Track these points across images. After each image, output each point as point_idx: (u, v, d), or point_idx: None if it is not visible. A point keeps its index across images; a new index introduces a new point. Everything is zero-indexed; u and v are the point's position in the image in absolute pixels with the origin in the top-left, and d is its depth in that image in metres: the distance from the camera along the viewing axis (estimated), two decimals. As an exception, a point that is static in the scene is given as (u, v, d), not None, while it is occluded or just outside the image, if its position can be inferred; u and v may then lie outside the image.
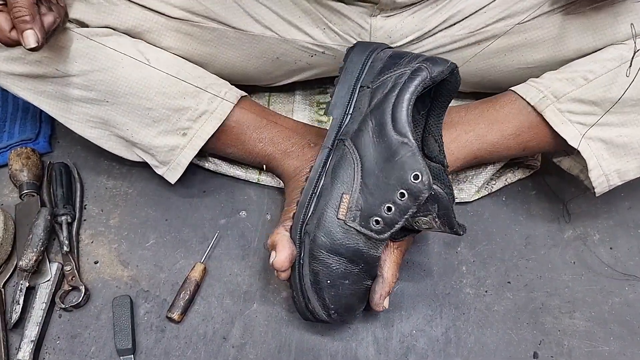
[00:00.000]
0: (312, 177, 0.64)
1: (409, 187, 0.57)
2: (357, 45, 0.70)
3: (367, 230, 0.59)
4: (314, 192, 0.63)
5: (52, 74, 0.66)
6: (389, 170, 0.59)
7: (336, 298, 0.62)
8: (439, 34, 0.74)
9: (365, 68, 0.67)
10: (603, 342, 0.69)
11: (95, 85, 0.67)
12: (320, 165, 0.64)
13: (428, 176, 0.56)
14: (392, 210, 0.58)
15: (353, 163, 0.61)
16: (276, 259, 0.61)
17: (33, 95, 0.69)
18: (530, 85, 0.70)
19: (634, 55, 0.61)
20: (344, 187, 0.61)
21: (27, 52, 0.64)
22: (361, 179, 0.60)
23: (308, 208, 0.62)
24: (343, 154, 0.62)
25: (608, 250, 0.77)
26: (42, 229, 0.72)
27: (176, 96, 0.69)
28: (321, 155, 0.64)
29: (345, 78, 0.67)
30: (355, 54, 0.68)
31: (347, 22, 0.72)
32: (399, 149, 0.58)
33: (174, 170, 0.74)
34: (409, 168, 0.57)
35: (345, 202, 0.60)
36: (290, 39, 0.74)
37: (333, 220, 0.60)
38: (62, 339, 0.69)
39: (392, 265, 0.65)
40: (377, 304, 0.64)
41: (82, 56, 0.66)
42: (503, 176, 0.82)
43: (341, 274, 0.61)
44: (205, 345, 0.68)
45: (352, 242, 0.60)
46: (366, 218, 0.59)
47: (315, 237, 0.61)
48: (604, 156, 0.68)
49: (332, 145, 0.64)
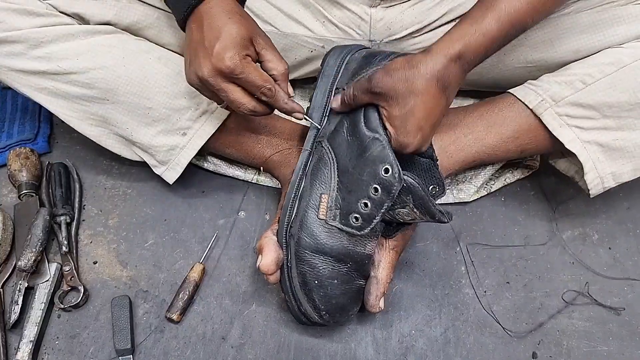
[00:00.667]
0: (293, 181, 0.65)
1: (381, 181, 0.58)
2: (334, 48, 0.71)
3: (348, 228, 0.60)
4: (295, 195, 0.64)
5: (53, 70, 0.66)
6: (362, 166, 0.59)
7: (326, 299, 0.62)
8: (440, 29, 0.74)
9: (340, 70, 0.68)
10: (602, 342, 0.69)
11: (96, 83, 0.67)
12: (300, 168, 0.65)
13: (398, 168, 0.57)
14: (368, 206, 0.59)
15: (329, 163, 0.62)
16: (262, 262, 0.61)
17: (34, 91, 0.69)
18: (529, 89, 0.71)
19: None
20: (322, 187, 0.62)
21: (29, 48, 0.64)
22: (338, 178, 0.61)
23: (291, 211, 0.63)
24: (321, 155, 0.63)
25: (607, 251, 0.77)
26: (41, 229, 0.72)
27: (177, 96, 0.69)
28: (301, 158, 0.65)
29: (322, 81, 0.68)
30: (331, 57, 0.69)
31: (346, 14, 0.73)
32: (370, 144, 0.59)
33: (173, 170, 0.74)
34: (379, 162, 0.58)
35: (325, 202, 0.61)
36: (290, 34, 0.74)
37: (314, 221, 0.61)
38: (61, 339, 0.69)
39: (387, 265, 0.65)
40: (373, 305, 0.64)
41: (84, 54, 0.66)
42: (502, 176, 0.82)
43: (328, 274, 0.61)
44: (204, 345, 0.68)
45: (336, 240, 0.61)
46: (345, 216, 0.60)
47: (300, 239, 0.61)
48: (600, 159, 0.68)
49: (311, 147, 0.65)
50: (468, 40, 0.56)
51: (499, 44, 0.58)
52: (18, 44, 0.64)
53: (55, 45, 0.65)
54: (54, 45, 0.65)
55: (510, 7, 0.56)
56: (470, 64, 0.58)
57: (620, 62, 0.65)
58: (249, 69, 0.56)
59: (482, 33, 0.56)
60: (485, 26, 0.56)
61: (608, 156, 0.68)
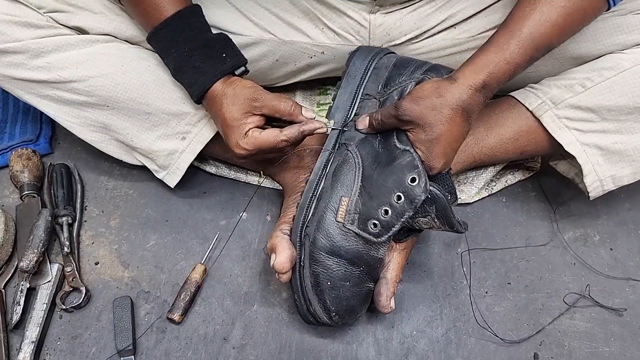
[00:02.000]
0: (312, 180, 0.64)
1: (406, 189, 0.58)
2: (360, 49, 0.70)
3: (365, 234, 0.60)
4: (313, 195, 0.63)
5: (54, 79, 0.67)
6: (388, 173, 0.59)
7: (337, 300, 0.62)
8: (439, 36, 0.74)
9: (368, 73, 0.68)
10: (603, 343, 0.69)
11: (95, 90, 0.68)
12: (321, 168, 0.64)
13: (425, 180, 0.57)
14: (388, 214, 0.58)
15: (355, 167, 0.62)
16: (277, 261, 0.61)
17: (36, 98, 0.70)
18: (529, 91, 0.71)
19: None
20: (343, 190, 0.61)
21: (29, 58, 0.66)
22: (361, 182, 0.61)
23: (308, 210, 0.63)
24: (346, 158, 0.63)
25: (608, 251, 0.77)
26: (42, 230, 0.72)
27: (176, 101, 0.70)
28: (321, 158, 0.65)
29: (348, 82, 0.67)
30: (358, 58, 0.69)
31: (345, 20, 0.73)
32: (400, 155, 0.59)
33: (173, 174, 0.74)
34: (407, 171, 0.58)
35: (344, 205, 0.60)
36: (290, 41, 0.74)
37: (332, 223, 0.61)
38: (63, 340, 0.69)
39: (396, 267, 0.66)
40: (385, 306, 0.64)
41: (83, 62, 0.67)
42: (503, 177, 0.82)
43: (342, 276, 0.61)
44: (206, 346, 0.68)
45: (352, 244, 0.61)
46: (364, 221, 0.60)
47: (315, 240, 0.61)
48: (600, 162, 0.68)
49: (333, 148, 0.65)
50: (492, 70, 0.57)
51: (522, 69, 0.59)
52: (19, 54, 0.66)
53: (55, 55, 0.66)
54: (54, 55, 0.66)
55: (535, 32, 0.57)
56: (493, 91, 0.59)
57: (620, 67, 0.65)
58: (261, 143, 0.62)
59: (507, 61, 0.57)
60: (510, 54, 0.57)
61: (607, 159, 0.68)
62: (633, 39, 0.65)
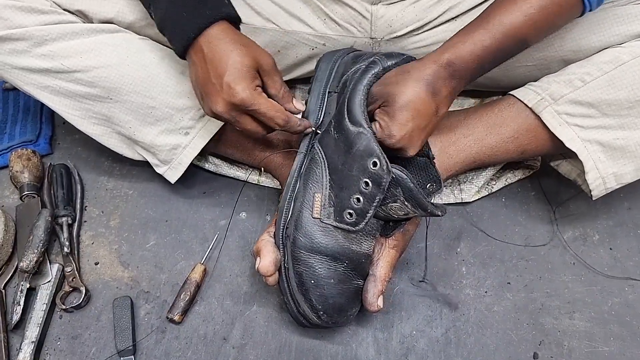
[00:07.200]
0: (289, 182, 0.65)
1: (370, 174, 0.58)
2: (325, 54, 0.72)
3: (343, 224, 0.61)
4: (291, 197, 0.64)
5: (57, 68, 0.66)
6: (351, 162, 0.60)
7: (322, 298, 0.62)
8: (440, 28, 0.74)
9: (332, 73, 0.70)
10: (603, 343, 0.69)
11: (99, 81, 0.67)
12: (296, 170, 0.66)
13: (385, 161, 0.58)
14: (360, 201, 0.59)
15: (320, 162, 0.63)
16: (261, 264, 0.62)
17: (37, 89, 0.69)
18: (528, 88, 0.71)
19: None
20: (315, 186, 0.63)
21: (33, 45, 0.65)
22: (329, 176, 0.62)
23: (287, 212, 0.64)
24: (313, 156, 0.64)
25: (608, 251, 0.77)
26: (42, 230, 0.72)
27: (180, 95, 0.69)
28: (296, 161, 0.66)
29: (316, 86, 0.70)
30: (323, 62, 0.71)
31: (348, 11, 0.73)
32: (356, 139, 0.60)
33: (175, 169, 0.74)
34: (367, 156, 0.59)
35: (318, 201, 0.62)
36: (291, 31, 0.75)
37: (309, 220, 0.62)
38: (63, 340, 0.69)
39: (385, 264, 0.65)
40: (371, 304, 0.63)
41: (88, 52, 0.66)
42: (503, 177, 0.82)
43: (325, 274, 0.62)
44: (206, 346, 0.68)
45: (331, 239, 0.61)
46: (339, 212, 0.61)
47: (295, 239, 0.62)
48: (601, 159, 0.68)
49: (306, 150, 0.66)
50: (458, 49, 0.59)
51: (494, 55, 0.60)
52: (22, 41, 0.64)
53: (60, 43, 0.65)
54: (58, 43, 0.65)
55: (504, 19, 0.58)
56: (463, 73, 0.59)
57: (619, 60, 0.65)
58: (260, 101, 0.59)
59: (473, 42, 0.59)
60: (477, 36, 0.59)
61: (609, 156, 0.68)
62: (633, 29, 0.65)
